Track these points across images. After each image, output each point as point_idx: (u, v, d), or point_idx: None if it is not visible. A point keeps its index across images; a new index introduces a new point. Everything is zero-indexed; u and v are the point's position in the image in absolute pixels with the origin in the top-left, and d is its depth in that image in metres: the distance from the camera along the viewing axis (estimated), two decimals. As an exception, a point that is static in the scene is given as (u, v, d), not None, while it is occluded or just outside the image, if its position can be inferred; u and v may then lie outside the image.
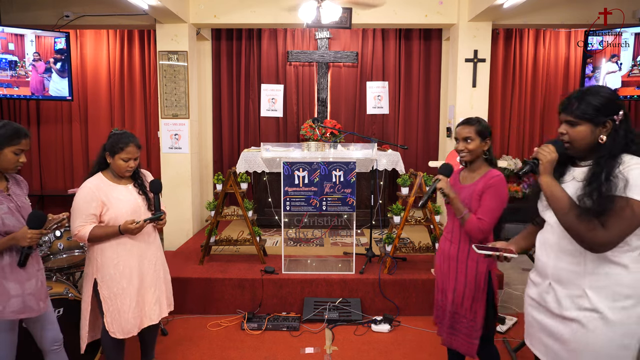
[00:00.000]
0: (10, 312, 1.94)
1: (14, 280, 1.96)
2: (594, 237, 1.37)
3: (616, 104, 1.43)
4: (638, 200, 1.33)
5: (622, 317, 1.40)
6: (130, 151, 2.30)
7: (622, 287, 1.40)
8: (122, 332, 2.32)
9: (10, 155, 1.93)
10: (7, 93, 4.69)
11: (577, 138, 1.47)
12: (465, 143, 2.08)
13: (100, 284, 2.29)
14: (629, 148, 1.41)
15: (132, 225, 2.24)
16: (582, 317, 1.44)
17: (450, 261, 2.14)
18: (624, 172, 1.36)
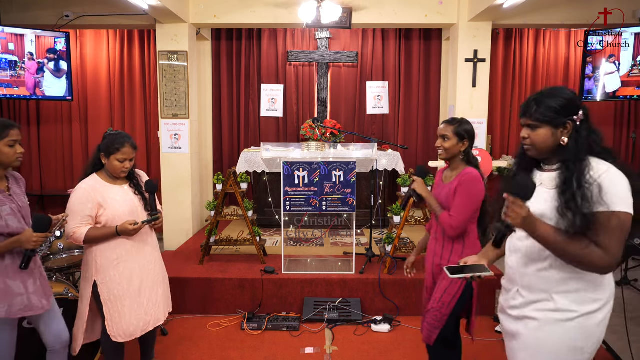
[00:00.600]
0: (17, 311, 1.95)
1: (18, 279, 1.96)
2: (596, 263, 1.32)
3: (575, 104, 1.41)
4: (625, 212, 1.30)
5: (583, 321, 1.39)
6: (126, 152, 2.28)
7: (589, 292, 1.40)
8: (124, 335, 2.31)
9: (7, 149, 1.94)
10: (7, 93, 4.69)
11: (538, 141, 1.45)
12: (442, 141, 2.15)
13: (100, 286, 2.28)
14: (592, 149, 1.39)
15: (131, 227, 2.23)
16: (541, 316, 1.44)
17: (435, 258, 2.20)
18: (596, 178, 1.33)
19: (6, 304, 1.92)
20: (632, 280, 4.16)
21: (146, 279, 2.39)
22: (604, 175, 1.33)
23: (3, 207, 1.92)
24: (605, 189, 1.31)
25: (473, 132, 2.16)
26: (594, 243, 1.33)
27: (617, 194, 1.31)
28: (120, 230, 2.24)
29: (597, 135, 1.41)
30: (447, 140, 2.13)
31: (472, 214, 2.08)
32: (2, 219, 1.90)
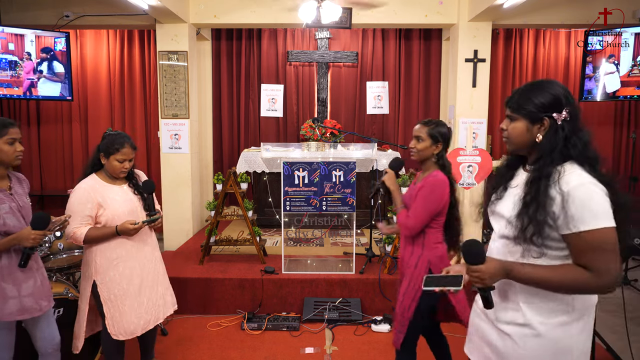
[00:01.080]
0: (7, 314, 1.94)
1: (11, 282, 1.95)
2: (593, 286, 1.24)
3: (560, 102, 1.29)
4: (605, 227, 1.20)
5: (557, 334, 1.31)
6: (125, 152, 2.28)
7: (557, 302, 1.32)
8: (124, 334, 2.31)
9: (6, 147, 1.94)
10: (7, 93, 4.69)
11: (512, 134, 1.37)
12: (416, 142, 2.13)
13: (100, 286, 2.28)
14: (568, 152, 1.28)
15: (132, 226, 2.23)
16: (515, 332, 1.36)
17: (403, 259, 2.19)
18: (566, 190, 1.23)
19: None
20: (632, 280, 4.16)
21: (146, 278, 2.40)
22: (579, 189, 1.22)
23: (2, 205, 1.92)
24: (578, 205, 1.20)
25: (448, 135, 2.11)
26: (581, 265, 1.24)
27: (592, 211, 1.20)
28: (120, 230, 2.24)
29: (579, 138, 1.28)
30: (420, 141, 2.10)
31: (429, 216, 2.04)
32: (0, 217, 1.90)
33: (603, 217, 1.20)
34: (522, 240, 1.29)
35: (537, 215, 1.25)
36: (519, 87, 1.39)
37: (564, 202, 1.22)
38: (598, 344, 2.90)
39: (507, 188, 1.44)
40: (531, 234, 1.26)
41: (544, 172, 1.27)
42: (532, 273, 1.27)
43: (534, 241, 1.27)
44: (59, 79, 4.91)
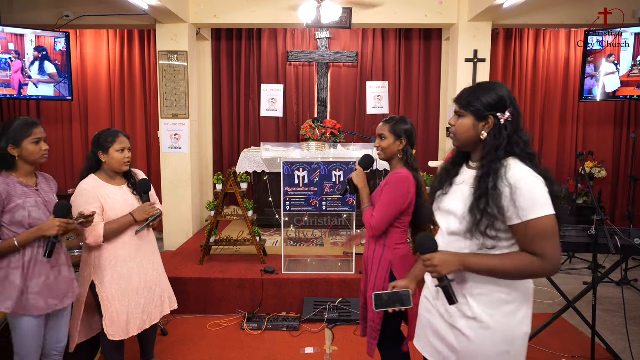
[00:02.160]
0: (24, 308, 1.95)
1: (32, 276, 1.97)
2: (538, 271, 1.33)
3: (504, 103, 1.38)
4: (548, 215, 1.29)
5: (502, 324, 1.39)
6: (122, 141, 2.30)
7: (501, 292, 1.39)
8: (121, 333, 2.31)
9: (32, 147, 1.99)
10: (7, 93, 4.69)
11: (459, 130, 1.44)
12: (379, 140, 2.09)
13: (98, 286, 2.28)
14: (512, 149, 1.37)
15: (149, 207, 2.28)
16: (466, 326, 1.42)
17: (368, 259, 2.14)
18: (512, 182, 1.31)
19: (13, 301, 1.93)
20: (632, 280, 4.16)
21: (144, 279, 2.40)
22: (524, 180, 1.30)
23: (27, 199, 1.96)
24: (525, 196, 1.29)
25: (411, 131, 2.07)
26: (528, 252, 1.32)
27: (537, 200, 1.29)
28: (138, 213, 2.28)
29: (520, 137, 1.38)
30: (383, 139, 2.07)
31: (393, 215, 1.99)
32: (25, 209, 1.94)
33: (546, 206, 1.30)
34: (477, 233, 1.35)
35: (489, 208, 1.32)
36: (468, 87, 1.46)
37: (512, 194, 1.30)
38: (598, 344, 2.89)
39: (452, 184, 1.50)
40: (485, 227, 1.34)
41: (492, 168, 1.35)
42: (486, 261, 1.35)
43: (487, 234, 1.34)
44: (51, 80, 4.87)
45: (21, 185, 1.98)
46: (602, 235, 2.72)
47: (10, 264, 1.95)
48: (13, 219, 1.93)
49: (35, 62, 4.76)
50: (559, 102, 5.72)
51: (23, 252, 1.95)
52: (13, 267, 1.95)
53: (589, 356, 2.77)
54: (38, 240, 1.97)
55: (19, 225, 1.94)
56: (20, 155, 1.97)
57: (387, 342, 2.10)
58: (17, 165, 1.99)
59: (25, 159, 1.99)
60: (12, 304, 1.93)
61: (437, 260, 1.36)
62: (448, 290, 1.37)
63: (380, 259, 2.05)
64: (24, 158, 1.99)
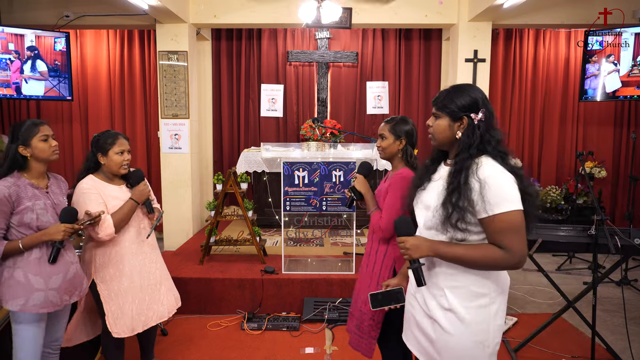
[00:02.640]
0: (31, 306, 1.95)
1: (39, 274, 1.98)
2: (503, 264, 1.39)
3: (477, 105, 1.46)
4: (515, 210, 1.36)
5: (477, 316, 1.45)
6: (122, 143, 2.30)
7: (476, 285, 1.46)
8: (126, 331, 2.31)
9: (41, 145, 2.00)
10: (7, 93, 4.69)
11: (437, 130, 1.53)
12: (380, 140, 2.13)
13: (99, 284, 2.29)
14: (484, 147, 1.44)
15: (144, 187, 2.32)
16: (442, 317, 1.49)
17: (369, 258, 2.16)
18: (482, 177, 1.38)
19: (23, 299, 1.94)
20: (632, 280, 4.16)
21: (147, 277, 2.40)
22: (493, 176, 1.38)
23: (37, 202, 1.97)
24: (493, 191, 1.36)
25: (411, 130, 2.11)
26: (496, 245, 1.39)
27: (505, 196, 1.36)
28: (137, 196, 2.30)
29: (492, 136, 1.46)
30: (384, 139, 2.10)
31: (399, 214, 1.97)
32: (33, 212, 1.95)
33: (513, 201, 1.37)
34: (448, 226, 1.42)
35: (460, 202, 1.40)
36: (444, 89, 1.55)
37: (481, 189, 1.37)
38: (598, 344, 2.89)
39: (430, 181, 1.58)
40: (455, 220, 1.41)
41: (464, 164, 1.43)
42: (455, 250, 1.43)
43: (458, 226, 1.41)
44: (41, 77, 4.84)
45: (32, 187, 1.99)
46: (602, 235, 2.72)
47: (16, 263, 1.96)
48: (21, 220, 1.94)
49: (28, 60, 4.76)
50: (559, 102, 5.72)
51: (29, 251, 1.96)
52: (18, 266, 1.95)
53: (589, 356, 2.77)
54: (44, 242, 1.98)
55: (27, 227, 1.95)
56: (32, 154, 1.99)
57: (391, 340, 2.10)
58: (30, 165, 2.01)
59: (36, 158, 2.00)
60: (23, 301, 1.93)
61: (410, 243, 1.47)
62: (418, 272, 1.46)
63: (384, 257, 2.07)
64: (36, 157, 2.00)
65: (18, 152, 1.97)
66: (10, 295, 1.94)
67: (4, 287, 1.95)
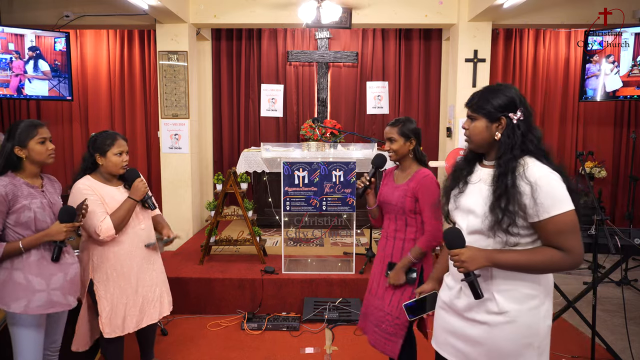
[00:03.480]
0: (35, 307, 1.95)
1: (40, 275, 1.97)
2: (563, 265, 1.37)
3: (514, 103, 1.43)
4: (570, 210, 1.34)
5: (529, 318, 1.42)
6: (120, 144, 2.29)
7: (527, 288, 1.43)
8: (117, 331, 2.31)
9: (38, 147, 1.99)
10: (7, 93, 4.69)
11: (474, 132, 1.48)
12: (390, 143, 2.16)
13: (96, 284, 2.28)
14: (526, 147, 1.41)
15: (140, 183, 2.29)
16: (490, 320, 1.45)
17: (385, 258, 2.19)
18: (532, 180, 1.35)
19: (25, 300, 1.93)
20: (632, 280, 4.16)
21: (143, 278, 2.39)
22: (544, 178, 1.35)
23: (33, 200, 1.96)
24: (546, 192, 1.33)
25: (418, 130, 2.16)
26: (553, 247, 1.37)
27: (558, 196, 1.34)
28: (134, 193, 2.28)
29: (534, 135, 1.42)
30: (394, 142, 2.14)
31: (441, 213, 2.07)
32: (31, 210, 1.94)
33: (567, 202, 1.34)
34: (499, 231, 1.38)
35: (510, 206, 1.36)
36: (477, 91, 1.51)
37: (533, 192, 1.34)
38: (598, 344, 2.89)
39: (468, 183, 1.53)
40: (507, 225, 1.37)
41: (509, 166, 1.39)
42: (513, 257, 1.38)
43: (510, 231, 1.37)
44: (45, 77, 4.85)
45: (27, 186, 1.98)
46: (602, 235, 2.72)
47: (13, 264, 1.94)
48: (18, 219, 1.92)
49: (30, 60, 4.76)
50: (559, 102, 5.71)
51: (28, 252, 1.95)
52: (16, 268, 1.94)
53: (589, 356, 2.77)
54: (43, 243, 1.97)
55: (24, 227, 1.93)
56: (28, 156, 1.98)
57: (405, 344, 2.12)
58: (24, 166, 2.00)
59: (32, 160, 1.99)
60: (25, 303, 1.92)
61: (465, 256, 1.39)
62: (474, 285, 1.39)
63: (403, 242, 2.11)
64: (31, 159, 1.99)
65: (13, 152, 1.95)
66: (11, 297, 1.92)
67: (2, 290, 1.93)
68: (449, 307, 1.58)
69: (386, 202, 2.20)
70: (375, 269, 2.27)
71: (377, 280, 2.24)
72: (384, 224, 2.27)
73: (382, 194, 2.24)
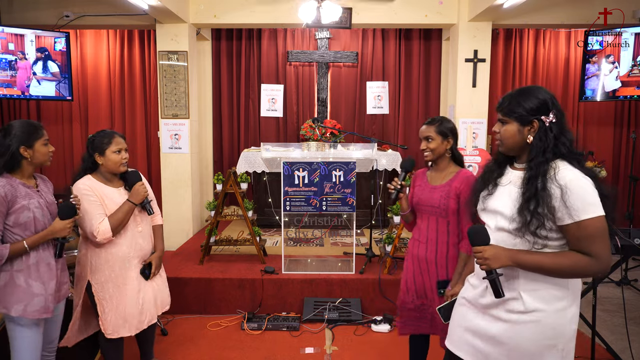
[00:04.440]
0: (33, 312, 1.95)
1: (39, 279, 1.97)
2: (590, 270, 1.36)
3: (547, 106, 1.43)
4: (600, 215, 1.33)
5: (555, 320, 1.41)
6: (118, 142, 2.29)
7: (554, 289, 1.42)
8: (120, 332, 2.30)
9: (43, 149, 2.01)
10: (7, 93, 4.69)
11: (505, 136, 1.48)
12: (426, 142, 2.13)
13: (95, 286, 2.27)
14: (558, 150, 1.40)
15: (141, 187, 2.29)
16: (515, 318, 1.44)
17: (421, 263, 2.16)
18: (562, 183, 1.34)
19: (23, 304, 1.93)
20: (632, 280, 4.16)
21: (142, 280, 2.38)
22: (575, 181, 1.34)
23: (31, 201, 1.96)
24: (576, 196, 1.32)
25: (455, 129, 2.15)
26: (580, 252, 1.36)
27: (589, 200, 1.33)
28: (134, 197, 2.28)
29: (567, 137, 1.42)
30: (431, 140, 2.11)
31: None
32: (30, 211, 1.94)
33: (597, 206, 1.33)
34: (527, 233, 1.38)
35: (539, 209, 1.35)
36: (508, 93, 1.50)
37: (563, 195, 1.33)
38: (598, 344, 2.89)
39: (498, 185, 1.53)
40: (535, 227, 1.36)
41: (540, 169, 1.38)
42: (538, 259, 1.38)
43: (538, 234, 1.37)
44: (54, 78, 4.88)
45: (24, 186, 1.98)
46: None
47: (14, 267, 1.94)
48: (17, 220, 1.92)
49: (38, 61, 4.78)
50: (559, 102, 5.70)
51: (27, 255, 1.95)
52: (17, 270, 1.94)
53: (589, 356, 2.77)
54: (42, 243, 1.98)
55: (23, 228, 1.93)
56: (32, 156, 1.98)
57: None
58: (22, 166, 1.99)
59: (34, 161, 2.00)
60: (23, 307, 1.92)
61: (489, 253, 1.39)
62: (496, 284, 1.40)
63: (448, 259, 2.10)
64: (34, 159, 2.00)
65: (19, 152, 1.94)
66: (11, 300, 1.92)
67: (4, 292, 1.93)
68: (471, 304, 1.58)
69: (424, 204, 2.13)
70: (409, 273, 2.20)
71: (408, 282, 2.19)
72: (420, 227, 2.20)
73: (417, 196, 2.18)
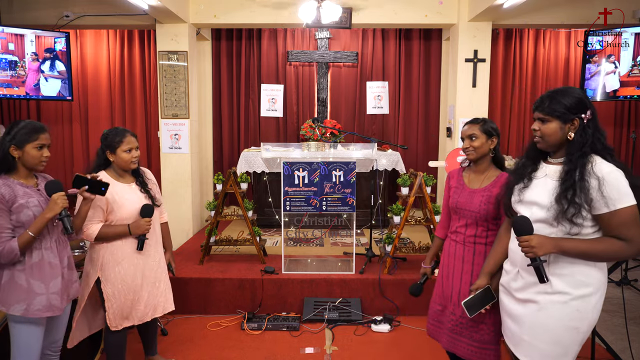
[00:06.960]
0: (35, 311, 1.95)
1: (40, 278, 1.97)
2: (623, 254, 1.50)
3: (584, 104, 1.55)
4: (634, 204, 1.46)
5: (579, 303, 1.53)
6: (129, 141, 2.35)
7: (582, 275, 1.54)
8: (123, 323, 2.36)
9: (34, 152, 1.98)
10: (7, 93, 4.69)
11: (547, 133, 1.58)
12: (470, 140, 2.06)
13: (104, 282, 2.32)
14: (595, 146, 1.53)
15: (145, 223, 2.30)
16: (541, 299, 1.57)
17: (456, 261, 2.08)
18: (600, 175, 1.47)
19: (25, 303, 1.93)
20: (632, 280, 4.16)
21: (149, 275, 2.44)
22: (611, 174, 1.46)
23: (30, 199, 1.96)
24: (612, 187, 1.45)
25: (498, 129, 2.10)
26: (614, 237, 1.49)
27: (625, 192, 1.46)
28: (134, 228, 2.30)
29: (601, 134, 1.55)
30: (475, 139, 2.04)
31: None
32: (29, 209, 1.94)
33: (630, 196, 1.47)
34: (564, 220, 1.50)
35: (576, 198, 1.48)
36: (545, 94, 1.62)
37: (601, 186, 1.46)
38: (598, 344, 2.89)
39: (532, 179, 1.65)
40: (571, 214, 1.48)
41: (579, 163, 1.51)
42: (579, 245, 1.50)
43: (574, 221, 1.49)
44: (60, 76, 4.91)
45: (22, 186, 1.98)
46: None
47: (15, 266, 1.94)
48: (19, 219, 1.92)
49: (46, 61, 4.82)
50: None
51: (29, 254, 1.95)
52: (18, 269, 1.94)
53: (589, 356, 2.77)
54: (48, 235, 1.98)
55: (24, 227, 1.93)
56: (20, 157, 1.97)
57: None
58: (18, 167, 1.99)
59: (23, 162, 1.98)
60: (25, 306, 1.92)
61: (535, 242, 1.52)
62: (540, 270, 1.52)
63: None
64: (23, 161, 1.98)
65: (9, 152, 1.94)
66: (12, 300, 1.92)
67: (4, 291, 1.93)
68: (507, 290, 1.73)
69: (463, 208, 2.05)
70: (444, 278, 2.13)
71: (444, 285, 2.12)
72: (456, 228, 2.11)
73: (455, 198, 2.10)
